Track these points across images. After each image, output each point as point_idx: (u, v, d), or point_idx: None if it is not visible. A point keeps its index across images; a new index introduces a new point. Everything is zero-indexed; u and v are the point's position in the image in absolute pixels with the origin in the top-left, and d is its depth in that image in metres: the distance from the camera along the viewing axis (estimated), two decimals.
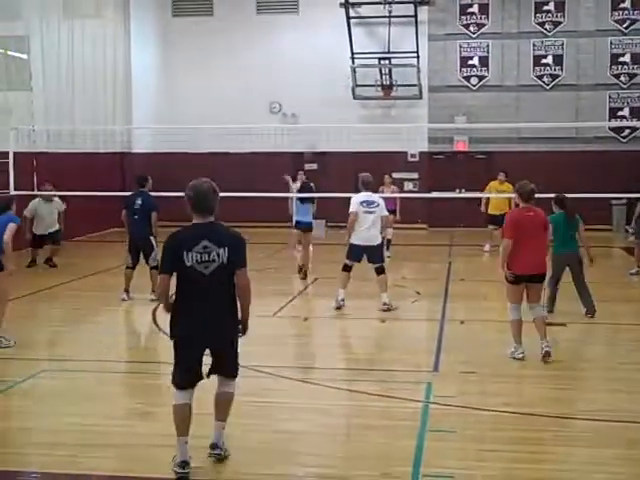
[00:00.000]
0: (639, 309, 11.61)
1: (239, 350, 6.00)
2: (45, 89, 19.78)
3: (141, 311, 11.69)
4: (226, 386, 6.03)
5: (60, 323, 11.14)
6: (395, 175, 23.05)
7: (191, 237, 5.64)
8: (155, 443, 6.44)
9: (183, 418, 5.77)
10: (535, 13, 23.34)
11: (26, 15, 19.13)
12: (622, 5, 23.00)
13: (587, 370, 8.59)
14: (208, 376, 5.94)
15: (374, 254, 11.63)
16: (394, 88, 23.22)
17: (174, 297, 5.76)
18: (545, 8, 23.30)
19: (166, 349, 9.16)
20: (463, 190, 17.84)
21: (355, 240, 11.55)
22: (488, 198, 17.42)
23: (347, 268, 11.70)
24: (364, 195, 11.67)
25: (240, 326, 5.87)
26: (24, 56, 19.12)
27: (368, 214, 11.47)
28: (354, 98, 23.41)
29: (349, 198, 11.79)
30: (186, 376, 5.79)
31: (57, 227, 16.43)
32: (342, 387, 7.91)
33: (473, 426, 6.82)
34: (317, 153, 23.15)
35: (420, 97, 23.21)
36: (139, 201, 12.49)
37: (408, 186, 23.30)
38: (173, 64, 24.43)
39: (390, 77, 23.18)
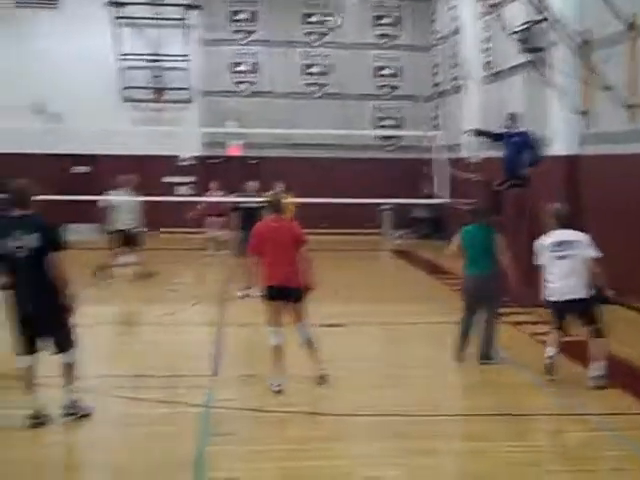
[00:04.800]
0: (411, 308, 12.14)
1: None
2: None
3: None
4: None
5: None
6: (166, 179, 22.90)
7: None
8: None
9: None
10: (302, 23, 24.04)
11: None
12: (383, 21, 24.33)
13: (361, 369, 8.86)
14: None
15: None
16: (165, 91, 22.93)
17: None
18: (311, 19, 24.08)
19: None
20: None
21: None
22: None
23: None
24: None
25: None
26: None
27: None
28: (124, 100, 22.82)
29: None
30: None
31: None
32: (120, 395, 7.64)
33: (254, 427, 6.88)
34: (88, 156, 22.32)
35: (191, 101, 23.09)
36: None
37: (180, 190, 23.05)
38: None
39: (161, 80, 22.86)
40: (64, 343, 6.86)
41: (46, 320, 6.74)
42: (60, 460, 6.23)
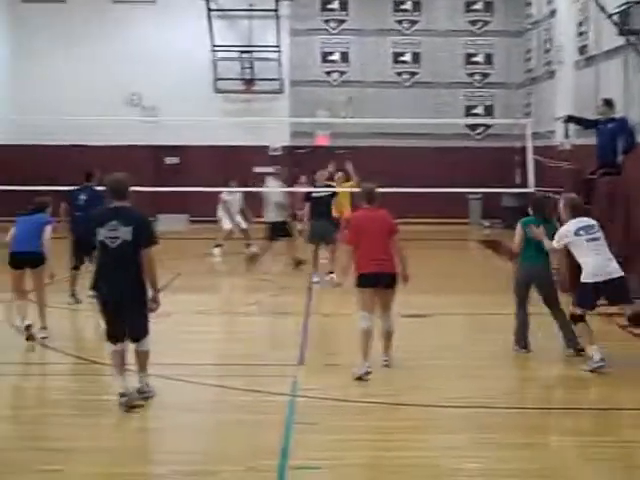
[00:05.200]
0: (497, 299, 11.94)
1: None
2: None
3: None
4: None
5: None
6: (257, 169, 23.14)
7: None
8: (8, 447, 6.19)
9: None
10: (393, 11, 23.89)
11: None
12: (474, 7, 23.92)
13: (445, 359, 8.80)
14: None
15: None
16: (255, 82, 23.21)
17: None
18: (403, 7, 23.89)
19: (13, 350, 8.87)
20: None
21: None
22: None
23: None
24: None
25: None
26: None
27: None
28: (215, 91, 23.21)
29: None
30: None
31: None
32: (207, 382, 7.82)
33: (338, 417, 6.88)
34: (180, 147, 22.84)
35: (281, 91, 23.28)
36: (83, 196, 11.73)
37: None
38: (24, 52, 23.22)
39: (252, 71, 23.15)
40: (140, 332, 7.08)
41: (127, 309, 6.96)
42: (147, 446, 6.41)
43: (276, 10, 22.69)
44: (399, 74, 23.96)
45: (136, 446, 6.31)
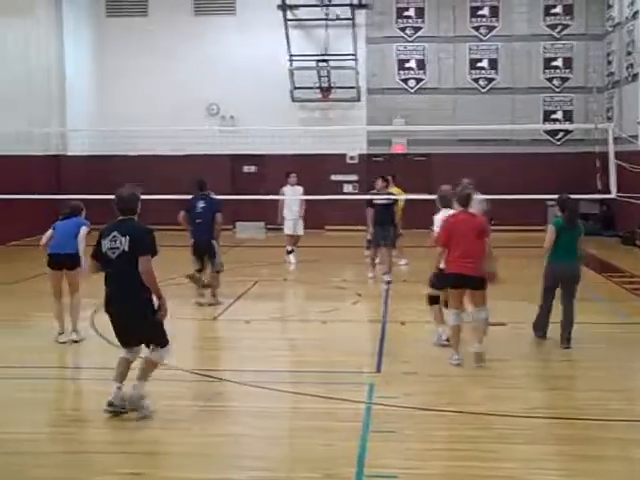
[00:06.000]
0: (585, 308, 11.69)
1: None
2: None
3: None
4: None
5: None
6: (334, 177, 23.27)
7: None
8: (94, 450, 6.31)
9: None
10: (470, 17, 23.69)
11: None
12: (554, 10, 23.51)
13: (525, 368, 8.67)
14: None
15: None
16: (332, 90, 23.32)
17: None
18: (480, 13, 23.66)
19: (98, 354, 9.07)
20: None
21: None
22: None
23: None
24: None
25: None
26: None
27: None
28: (293, 100, 23.42)
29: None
30: None
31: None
32: (284, 389, 7.87)
33: (416, 426, 6.85)
34: (256, 156, 23.11)
35: (358, 99, 23.33)
36: (202, 204, 12.13)
37: (347, 188, 23.38)
38: (108, 65, 23.98)
39: (328, 79, 23.27)
40: (150, 339, 7.16)
41: (132, 319, 7.08)
42: (225, 452, 6.46)
43: (352, 19, 22.77)
44: (476, 80, 23.74)
45: (214, 452, 6.39)
